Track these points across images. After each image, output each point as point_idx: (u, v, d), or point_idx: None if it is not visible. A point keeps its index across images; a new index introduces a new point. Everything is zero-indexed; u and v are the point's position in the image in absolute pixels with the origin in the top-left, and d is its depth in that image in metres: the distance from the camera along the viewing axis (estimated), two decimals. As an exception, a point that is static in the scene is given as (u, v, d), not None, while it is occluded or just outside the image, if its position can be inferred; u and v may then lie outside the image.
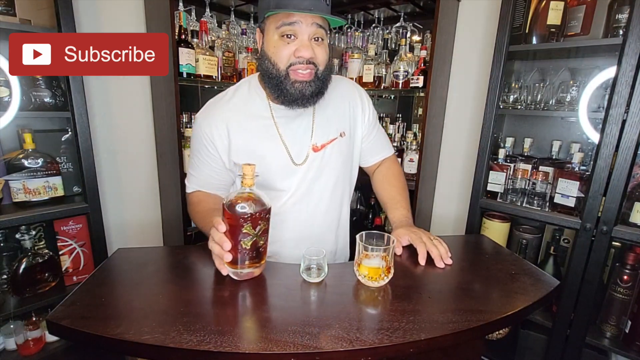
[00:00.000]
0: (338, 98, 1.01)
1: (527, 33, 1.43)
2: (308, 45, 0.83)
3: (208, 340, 0.61)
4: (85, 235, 1.53)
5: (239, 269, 0.79)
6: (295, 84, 0.87)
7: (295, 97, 0.88)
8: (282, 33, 0.83)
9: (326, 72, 0.90)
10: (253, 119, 0.94)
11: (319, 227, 1.04)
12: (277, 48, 0.85)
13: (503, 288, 0.84)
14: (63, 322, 0.66)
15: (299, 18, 0.82)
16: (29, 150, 1.34)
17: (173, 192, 1.75)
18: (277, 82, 0.88)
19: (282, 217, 0.99)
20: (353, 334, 0.64)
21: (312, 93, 0.88)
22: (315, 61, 0.86)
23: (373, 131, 1.10)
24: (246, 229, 0.75)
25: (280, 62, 0.85)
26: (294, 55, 0.84)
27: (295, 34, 0.83)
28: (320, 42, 0.87)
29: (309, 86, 0.87)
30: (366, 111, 1.06)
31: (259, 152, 0.94)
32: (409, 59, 1.85)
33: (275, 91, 0.90)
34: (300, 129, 0.97)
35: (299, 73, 0.86)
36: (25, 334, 1.40)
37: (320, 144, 0.97)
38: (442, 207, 2.05)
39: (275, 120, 0.95)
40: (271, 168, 0.94)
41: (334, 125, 1.00)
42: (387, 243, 0.83)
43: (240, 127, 0.93)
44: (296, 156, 0.96)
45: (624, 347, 1.30)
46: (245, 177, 0.76)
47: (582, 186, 1.35)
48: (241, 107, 0.95)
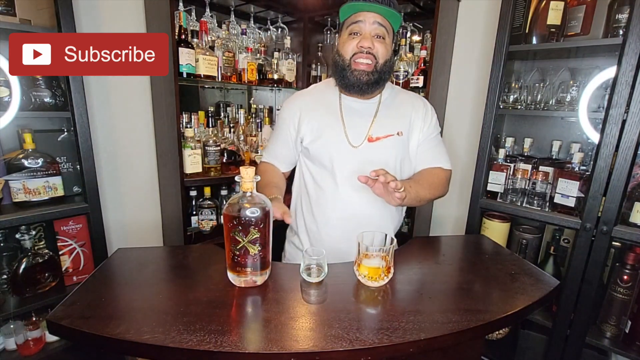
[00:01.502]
0: (405, 104, 1.15)
1: (527, 33, 1.43)
2: (369, 38, 1.00)
3: (208, 340, 0.61)
4: (85, 235, 1.53)
5: (237, 274, 0.78)
6: (354, 72, 1.02)
7: (353, 82, 1.03)
8: (350, 31, 1.02)
9: (385, 67, 1.04)
10: (323, 105, 1.13)
11: (369, 211, 1.10)
12: (345, 43, 1.03)
13: (503, 288, 0.84)
14: (63, 322, 0.66)
15: (363, 17, 0.99)
16: (29, 150, 1.34)
17: (173, 192, 1.75)
18: (341, 70, 1.05)
19: (335, 195, 1.09)
20: (353, 333, 0.64)
21: (368, 81, 1.03)
22: (375, 53, 1.01)
23: (432, 142, 1.16)
24: (237, 234, 0.74)
25: (346, 53, 1.03)
26: (356, 47, 1.01)
27: (360, 31, 1.00)
28: (382, 40, 1.02)
29: (366, 75, 1.02)
30: (427, 121, 1.15)
31: (322, 131, 1.09)
32: (409, 59, 1.85)
33: (339, 78, 1.07)
34: (361, 119, 1.10)
35: (360, 63, 1.01)
36: (25, 334, 1.40)
37: (376, 136, 1.08)
38: (442, 207, 2.05)
39: (342, 108, 1.11)
40: (329, 145, 1.08)
41: (394, 124, 1.11)
42: (387, 243, 0.83)
43: (311, 110, 1.12)
44: (353, 140, 1.08)
45: (624, 347, 1.30)
46: (243, 180, 0.75)
47: (582, 186, 1.35)
48: (315, 96, 1.16)
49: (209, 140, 1.76)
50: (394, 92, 1.17)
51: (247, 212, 0.74)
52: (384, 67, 1.04)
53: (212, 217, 1.86)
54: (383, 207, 1.09)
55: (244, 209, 0.74)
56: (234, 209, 0.75)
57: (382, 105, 1.11)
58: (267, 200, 0.78)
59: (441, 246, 1.15)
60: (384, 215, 1.12)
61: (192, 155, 1.69)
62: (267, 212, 0.76)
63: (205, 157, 1.76)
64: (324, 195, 1.11)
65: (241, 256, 0.76)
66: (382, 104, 1.11)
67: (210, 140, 1.76)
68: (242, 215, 0.74)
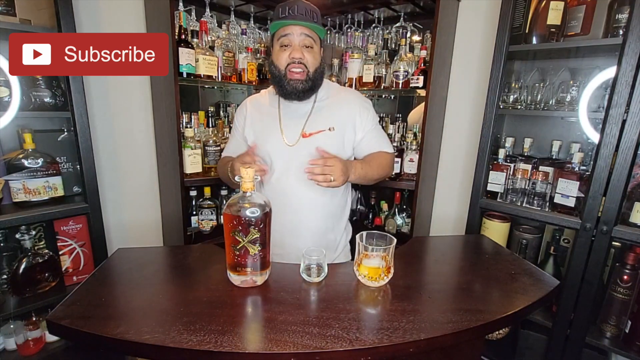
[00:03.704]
0: (340, 102, 1.24)
1: (527, 33, 1.43)
2: (299, 49, 1.10)
3: (208, 340, 0.61)
4: (85, 235, 1.53)
5: (238, 274, 0.78)
6: (290, 81, 1.12)
7: (290, 91, 1.14)
8: (280, 44, 1.11)
9: (316, 74, 1.14)
10: (264, 107, 1.26)
11: (307, 205, 1.19)
12: (278, 55, 1.13)
13: (503, 288, 0.84)
14: (63, 322, 0.66)
15: (291, 30, 1.08)
16: (29, 150, 1.34)
17: (173, 192, 1.75)
18: (278, 80, 1.14)
19: (276, 190, 1.18)
20: (353, 334, 0.64)
21: (303, 89, 1.14)
22: (305, 62, 1.11)
23: (373, 132, 1.26)
24: (237, 234, 0.74)
25: (280, 64, 1.12)
26: (289, 57, 1.10)
27: (289, 42, 1.10)
28: (310, 50, 1.11)
29: (301, 84, 1.13)
30: (364, 116, 1.24)
31: (261, 130, 1.23)
32: (409, 59, 1.85)
33: (277, 87, 1.17)
34: (296, 119, 1.20)
35: (294, 72, 1.11)
36: (25, 334, 1.40)
37: (309, 132, 1.18)
38: (442, 207, 2.05)
39: (280, 110, 1.22)
40: (267, 144, 1.20)
41: (326, 121, 1.20)
42: (387, 243, 0.83)
43: (254, 111, 1.27)
44: (289, 139, 1.18)
45: (624, 347, 1.30)
46: (243, 180, 0.75)
47: (582, 186, 1.35)
48: (260, 100, 1.29)
49: (209, 140, 1.76)
50: (330, 92, 1.25)
51: (247, 212, 0.74)
52: (315, 75, 1.14)
53: (212, 217, 1.86)
54: (321, 194, 1.18)
55: (244, 209, 0.74)
56: (234, 209, 0.75)
57: (316, 105, 1.21)
58: (267, 201, 0.78)
59: (441, 246, 1.15)
60: (325, 204, 1.21)
61: (192, 155, 1.69)
62: (267, 212, 0.76)
63: (205, 157, 1.76)
64: (269, 191, 1.20)
65: (241, 256, 0.76)
66: (316, 103, 1.21)
67: (210, 140, 1.76)
68: (242, 215, 0.74)
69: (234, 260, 0.77)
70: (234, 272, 0.79)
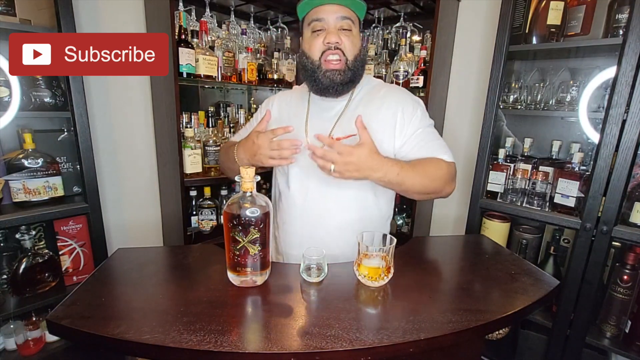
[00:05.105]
0: (379, 102, 1.02)
1: (527, 33, 1.43)
2: (335, 32, 0.92)
3: (208, 340, 0.61)
4: (85, 235, 1.53)
5: (237, 274, 0.78)
6: (326, 72, 0.94)
7: (327, 84, 0.95)
8: (313, 29, 0.94)
9: (357, 63, 0.96)
10: (293, 103, 1.11)
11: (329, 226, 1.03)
12: (310, 43, 0.96)
13: (503, 288, 0.84)
14: (63, 322, 0.66)
15: (324, 12, 0.91)
16: (29, 150, 1.34)
17: (173, 192, 1.75)
18: (311, 73, 0.97)
19: (289, 199, 1.06)
20: (353, 334, 0.64)
21: (342, 81, 0.95)
22: (343, 48, 0.93)
23: (421, 135, 1.00)
24: (237, 234, 0.74)
25: (313, 54, 0.95)
26: (323, 44, 0.93)
27: (323, 27, 0.93)
28: (348, 33, 0.94)
29: (339, 75, 0.94)
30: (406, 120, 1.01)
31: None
32: (409, 59, 1.85)
33: (310, 81, 0.99)
34: (325, 120, 1.03)
35: (330, 61, 0.93)
36: (25, 334, 1.40)
37: (337, 137, 0.97)
38: (442, 207, 2.05)
39: (309, 107, 1.06)
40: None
41: None
42: (387, 243, 0.83)
43: (282, 107, 1.12)
44: (312, 142, 0.96)
45: (624, 347, 1.30)
46: (243, 180, 0.75)
47: (582, 186, 1.35)
48: (289, 95, 1.15)
49: (209, 140, 1.76)
50: (369, 88, 1.06)
51: (247, 212, 0.74)
52: (355, 64, 0.95)
53: (212, 217, 1.86)
54: (346, 209, 1.02)
55: (244, 209, 0.74)
56: (234, 208, 0.75)
57: (351, 103, 1.02)
58: (267, 201, 0.78)
59: (441, 246, 1.15)
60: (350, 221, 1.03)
61: (192, 155, 1.69)
62: (267, 212, 0.76)
63: (205, 157, 1.76)
64: (282, 198, 1.08)
65: (241, 256, 0.76)
66: (351, 102, 1.02)
67: (210, 140, 1.76)
68: (242, 215, 0.74)
69: (233, 260, 0.77)
70: (234, 272, 0.79)
